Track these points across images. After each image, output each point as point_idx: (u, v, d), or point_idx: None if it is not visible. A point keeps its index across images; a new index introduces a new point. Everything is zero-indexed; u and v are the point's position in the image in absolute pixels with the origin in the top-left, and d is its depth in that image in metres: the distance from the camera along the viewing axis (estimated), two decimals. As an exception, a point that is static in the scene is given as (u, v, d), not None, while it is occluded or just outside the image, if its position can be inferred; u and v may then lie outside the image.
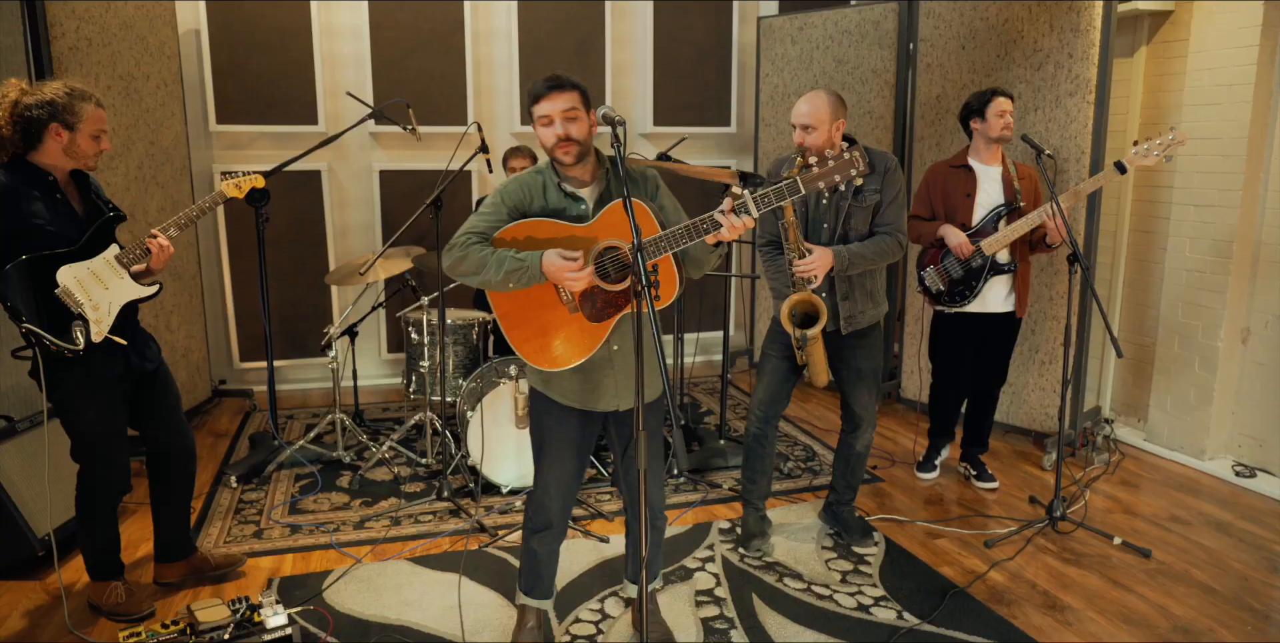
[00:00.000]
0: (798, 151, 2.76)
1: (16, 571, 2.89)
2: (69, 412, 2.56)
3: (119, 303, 2.52)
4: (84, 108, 2.39)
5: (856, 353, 2.99)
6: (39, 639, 2.56)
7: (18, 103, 2.35)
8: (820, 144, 2.72)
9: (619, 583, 2.84)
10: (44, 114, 2.34)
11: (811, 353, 2.88)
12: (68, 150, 2.40)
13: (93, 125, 2.41)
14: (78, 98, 2.39)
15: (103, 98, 2.49)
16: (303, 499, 3.57)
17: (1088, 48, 3.66)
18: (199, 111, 4.73)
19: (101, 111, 2.46)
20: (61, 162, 2.44)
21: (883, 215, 2.85)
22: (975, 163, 3.41)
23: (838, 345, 2.98)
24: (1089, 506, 3.52)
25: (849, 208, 2.84)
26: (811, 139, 2.73)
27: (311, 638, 2.54)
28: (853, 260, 2.79)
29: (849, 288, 2.91)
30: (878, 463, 4.01)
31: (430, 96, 5.00)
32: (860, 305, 2.93)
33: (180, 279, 4.43)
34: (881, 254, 2.84)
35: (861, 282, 2.93)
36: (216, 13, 4.62)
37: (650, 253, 2.05)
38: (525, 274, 2.11)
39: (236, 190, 2.84)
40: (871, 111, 4.64)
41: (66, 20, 3.52)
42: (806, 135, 2.73)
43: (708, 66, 5.50)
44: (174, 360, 4.36)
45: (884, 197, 2.84)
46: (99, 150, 2.47)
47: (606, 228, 2.15)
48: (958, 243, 3.35)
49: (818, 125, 2.72)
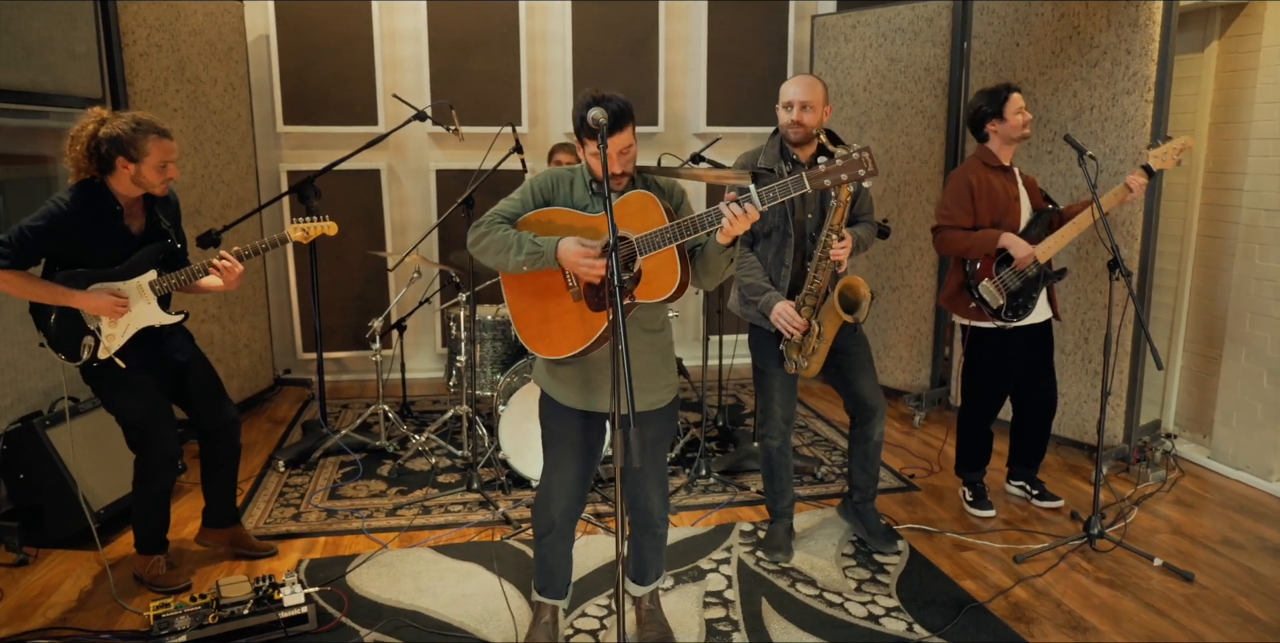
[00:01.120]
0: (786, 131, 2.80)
1: (73, 541, 3.11)
2: (113, 406, 2.76)
3: (136, 326, 2.68)
4: (147, 142, 2.52)
5: (852, 341, 2.98)
6: (86, 605, 2.75)
7: (94, 136, 2.51)
8: (815, 123, 2.77)
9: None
10: (113, 148, 2.50)
11: (825, 341, 2.85)
12: (134, 180, 2.57)
13: (156, 157, 2.54)
14: (143, 132, 2.51)
15: (170, 100, 2.63)
16: (343, 486, 3.72)
17: (1147, 43, 3.48)
18: (267, 113, 4.96)
19: (168, 142, 2.56)
20: (129, 189, 2.60)
21: (860, 205, 2.95)
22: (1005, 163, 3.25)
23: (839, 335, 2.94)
24: (1135, 524, 3.37)
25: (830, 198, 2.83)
26: (809, 118, 2.76)
27: (326, 618, 2.65)
28: (860, 243, 2.88)
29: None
30: (915, 472, 3.92)
31: (485, 97, 5.12)
32: None
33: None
34: (870, 239, 2.98)
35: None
36: (285, 18, 4.84)
37: (652, 245, 2.07)
38: (540, 258, 2.14)
39: (303, 236, 2.95)
40: (924, 111, 4.52)
41: (138, 28, 3.75)
42: (805, 114, 2.76)
43: (762, 65, 5.46)
44: (236, 349, 4.60)
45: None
46: (165, 179, 2.60)
47: (618, 219, 2.14)
48: (1028, 253, 3.10)
49: (815, 105, 2.76)
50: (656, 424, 2.37)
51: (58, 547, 3.12)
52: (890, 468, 3.95)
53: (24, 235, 2.47)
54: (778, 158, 2.87)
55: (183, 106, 4.06)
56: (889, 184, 4.73)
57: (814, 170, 1.97)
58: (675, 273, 2.10)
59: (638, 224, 2.10)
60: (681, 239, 2.05)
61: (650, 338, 2.31)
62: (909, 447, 4.26)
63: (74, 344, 2.63)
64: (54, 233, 2.51)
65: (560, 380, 2.31)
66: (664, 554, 2.58)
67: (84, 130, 2.52)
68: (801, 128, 2.76)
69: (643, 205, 2.11)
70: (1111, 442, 3.89)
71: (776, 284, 2.87)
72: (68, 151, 2.52)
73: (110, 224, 2.60)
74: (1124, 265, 2.90)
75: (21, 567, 2.99)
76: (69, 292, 2.56)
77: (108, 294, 2.59)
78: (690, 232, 2.04)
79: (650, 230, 2.07)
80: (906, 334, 4.79)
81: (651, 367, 2.31)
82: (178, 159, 2.63)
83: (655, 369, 2.33)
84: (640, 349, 2.27)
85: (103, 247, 2.60)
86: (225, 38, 4.43)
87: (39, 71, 3.24)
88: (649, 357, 2.31)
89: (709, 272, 2.20)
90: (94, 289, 2.59)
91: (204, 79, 4.24)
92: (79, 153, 2.50)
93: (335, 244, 4.99)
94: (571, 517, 2.41)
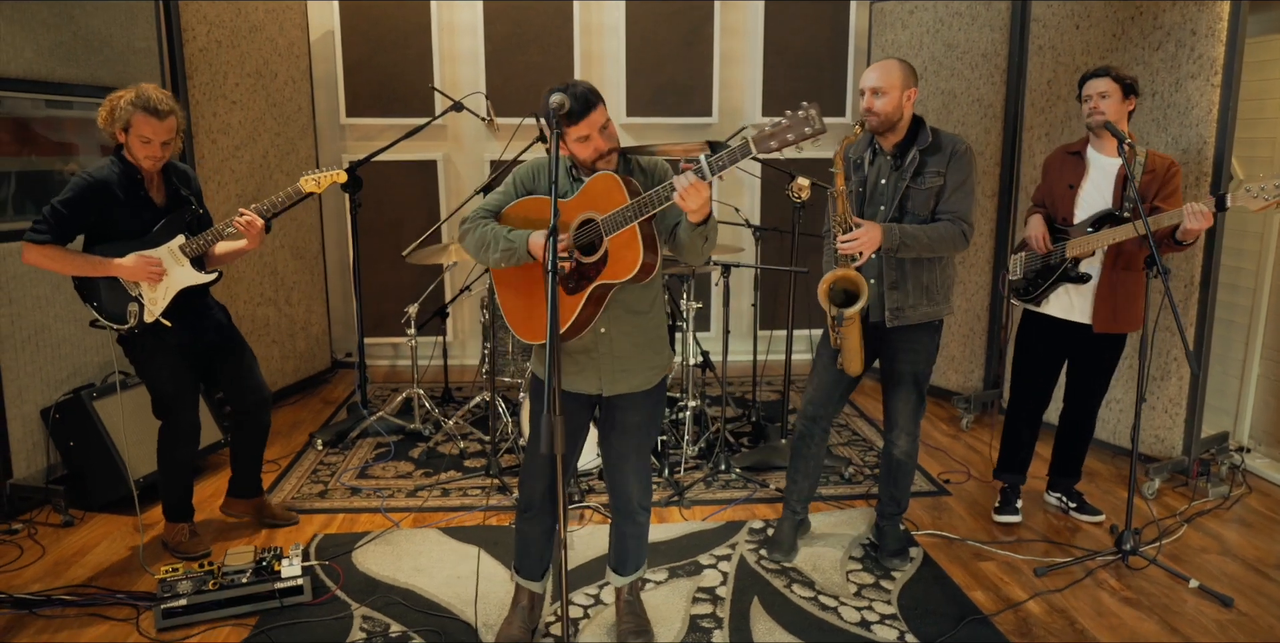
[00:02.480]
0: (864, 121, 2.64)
1: (116, 507, 3.33)
2: (145, 375, 2.94)
3: (175, 288, 2.82)
4: (134, 116, 2.63)
5: (899, 352, 2.79)
6: (115, 567, 2.94)
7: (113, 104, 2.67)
8: (889, 110, 2.60)
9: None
10: (113, 120, 2.66)
11: (846, 336, 2.70)
12: (127, 151, 2.72)
13: (138, 131, 2.66)
14: (129, 106, 2.63)
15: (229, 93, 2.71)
16: (373, 466, 3.84)
17: (1214, 22, 3.20)
18: (331, 106, 5.16)
19: (151, 119, 2.63)
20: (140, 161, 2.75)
21: (947, 201, 2.66)
22: (1092, 151, 3.03)
23: (881, 339, 2.79)
24: (1182, 542, 3.12)
25: (907, 189, 2.66)
26: (881, 104, 2.60)
27: (322, 590, 2.75)
28: (905, 241, 2.59)
29: (899, 276, 2.70)
30: (951, 477, 3.75)
31: (539, 89, 5.10)
32: (912, 299, 2.71)
33: (302, 258, 4.88)
34: (940, 240, 2.62)
35: (917, 272, 2.70)
36: (349, 14, 5.02)
37: (616, 224, 2.08)
38: (515, 254, 2.18)
39: (315, 186, 3.02)
40: (980, 99, 4.30)
41: (198, 25, 3.97)
42: (875, 100, 2.60)
43: (821, 54, 5.31)
44: (293, 332, 4.81)
45: (948, 181, 2.65)
46: (147, 154, 2.69)
47: (585, 202, 2.18)
48: (1033, 235, 3.09)
49: (888, 90, 2.59)
50: (639, 408, 2.35)
51: (102, 511, 3.34)
52: (925, 471, 3.79)
53: (57, 211, 2.65)
54: (866, 147, 2.76)
55: (241, 99, 4.26)
56: (943, 176, 4.53)
57: (759, 133, 1.94)
58: (638, 251, 2.10)
59: (604, 205, 2.12)
60: (641, 215, 2.05)
61: (637, 319, 2.29)
62: (952, 451, 4.08)
63: (121, 312, 2.80)
64: (83, 203, 2.66)
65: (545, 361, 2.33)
66: (645, 545, 2.54)
67: (110, 101, 2.67)
68: (875, 116, 2.61)
69: (608, 187, 2.12)
70: (1169, 453, 3.61)
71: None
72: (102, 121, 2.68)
73: (134, 193, 2.74)
74: (1161, 263, 2.68)
75: (67, 528, 3.22)
76: (105, 261, 2.72)
77: (142, 259, 2.74)
78: (649, 207, 2.04)
79: (614, 210, 2.08)
80: (960, 333, 4.58)
81: (637, 348, 2.30)
82: (168, 139, 2.71)
83: (640, 351, 2.31)
84: (626, 330, 2.27)
85: (130, 215, 2.74)
86: (286, 34, 4.63)
87: (98, 66, 3.47)
88: (635, 338, 2.29)
89: (685, 249, 2.18)
90: (129, 257, 2.75)
91: (264, 73, 4.44)
92: (104, 119, 2.67)
93: (394, 232, 5.17)
94: (552, 498, 2.41)
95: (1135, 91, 2.91)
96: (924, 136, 2.66)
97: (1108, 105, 2.87)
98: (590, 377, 2.30)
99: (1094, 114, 2.91)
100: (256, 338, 4.49)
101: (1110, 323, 3.03)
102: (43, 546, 3.08)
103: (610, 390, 2.31)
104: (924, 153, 2.65)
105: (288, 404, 4.75)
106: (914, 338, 2.77)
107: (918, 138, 2.67)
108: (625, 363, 2.28)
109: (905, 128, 2.67)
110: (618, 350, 2.27)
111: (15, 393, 3.25)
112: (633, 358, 2.29)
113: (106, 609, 2.67)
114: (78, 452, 3.34)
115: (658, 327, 2.36)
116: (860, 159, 2.76)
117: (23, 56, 3.19)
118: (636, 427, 2.37)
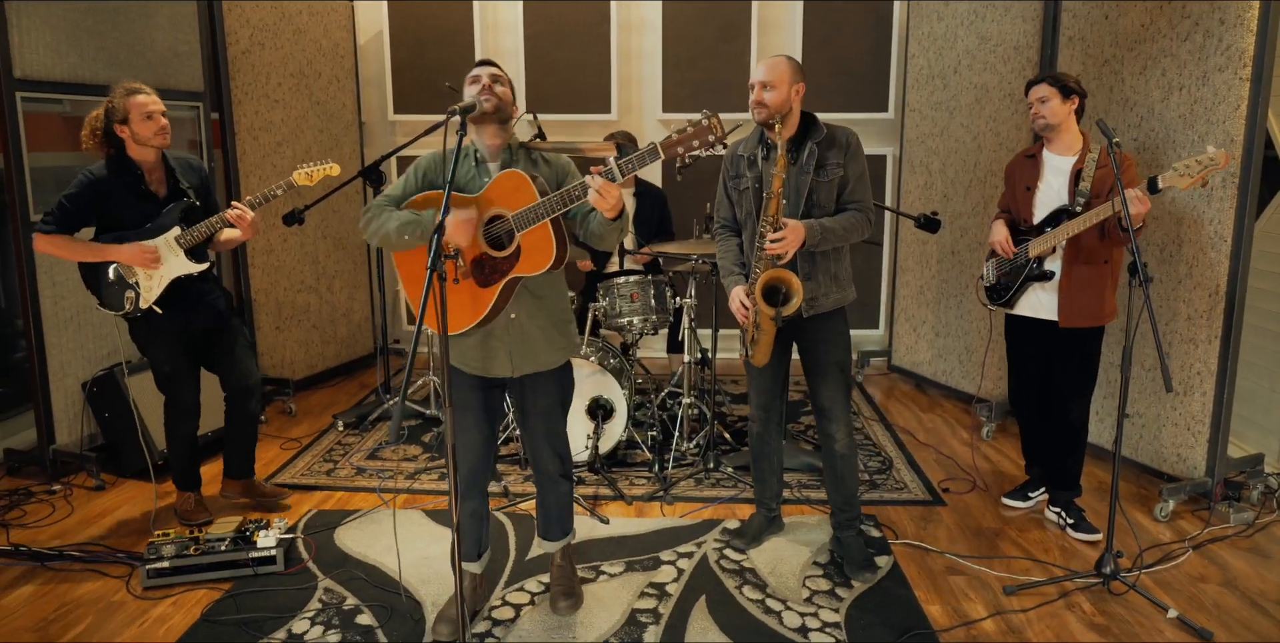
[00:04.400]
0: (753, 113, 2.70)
1: (144, 474, 3.62)
2: (146, 354, 3.20)
3: (169, 277, 3.04)
4: (124, 102, 2.88)
5: (818, 342, 2.83)
6: (127, 529, 3.21)
7: (93, 120, 2.92)
8: (778, 103, 2.64)
9: (591, 561, 2.94)
10: (107, 122, 2.90)
11: (766, 331, 2.75)
12: (136, 140, 2.94)
13: (138, 110, 2.89)
14: (117, 96, 2.88)
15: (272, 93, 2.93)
16: (384, 448, 4.03)
17: (1243, 11, 2.96)
18: (379, 103, 5.40)
19: (142, 97, 2.88)
20: (142, 154, 2.98)
21: (851, 192, 2.74)
22: (1047, 152, 3.03)
23: (798, 331, 2.83)
24: (1180, 569, 2.93)
25: (811, 183, 2.70)
26: (770, 97, 2.63)
27: (295, 561, 2.93)
28: (824, 235, 2.66)
29: (811, 267, 2.75)
30: (952, 486, 3.62)
31: (576, 86, 5.27)
32: (824, 287, 2.77)
33: (344, 248, 5.13)
34: (850, 229, 2.71)
35: (825, 262, 2.77)
36: (396, 15, 5.24)
37: (528, 220, 2.18)
38: (418, 227, 2.26)
39: (306, 179, 3.21)
40: (1012, 94, 4.10)
41: (240, 28, 4.23)
42: (765, 93, 2.64)
43: (862, 48, 5.18)
44: (334, 319, 5.08)
45: (849, 172, 2.71)
46: (157, 128, 2.93)
47: (493, 197, 2.27)
48: (996, 240, 3.13)
49: (777, 84, 2.63)
50: (545, 384, 2.50)
51: (132, 478, 3.65)
52: (923, 478, 3.68)
53: (62, 204, 2.91)
54: (757, 143, 2.79)
55: (284, 98, 4.52)
56: (975, 174, 4.35)
57: (666, 139, 2.06)
58: (551, 247, 2.20)
59: (512, 202, 2.21)
60: (554, 213, 2.15)
61: (539, 303, 2.42)
62: (962, 458, 3.94)
63: (119, 298, 3.05)
64: (86, 197, 2.91)
65: (462, 348, 2.44)
66: (570, 512, 2.70)
67: (88, 123, 2.91)
68: (764, 108, 2.65)
69: (516, 184, 2.21)
70: (1190, 473, 3.38)
71: (751, 268, 2.79)
72: (85, 142, 2.92)
73: (134, 187, 2.97)
74: (1144, 271, 2.52)
75: (98, 491, 3.53)
76: (105, 247, 2.98)
77: (139, 248, 2.97)
78: (561, 205, 2.14)
79: (525, 207, 2.16)
80: (983, 338, 4.40)
81: (543, 330, 2.43)
82: (164, 110, 2.94)
83: (546, 332, 2.44)
84: (532, 313, 2.40)
85: (132, 208, 2.98)
86: (331, 35, 4.87)
87: (141, 69, 3.76)
88: (540, 321, 2.42)
89: (600, 239, 2.31)
90: (127, 245, 2.99)
91: (307, 73, 4.69)
92: (91, 143, 2.90)
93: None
94: (477, 478, 2.55)
95: (1075, 91, 2.95)
96: (817, 131, 2.70)
97: (1049, 109, 2.94)
98: (503, 361, 2.41)
99: (1036, 119, 2.99)
100: (296, 322, 4.77)
101: (1074, 317, 3.00)
102: (73, 506, 3.39)
103: (519, 371, 2.43)
104: (820, 147, 2.69)
105: (326, 386, 5.02)
106: (829, 326, 2.83)
107: (810, 132, 2.71)
108: (530, 345, 2.41)
109: (796, 123, 2.72)
110: (527, 334, 2.40)
111: (58, 367, 3.58)
112: (537, 340, 2.42)
113: (107, 567, 2.92)
114: (112, 423, 3.65)
115: (564, 310, 2.50)
116: (752, 155, 2.78)
117: (67, 61, 3.50)
118: (548, 408, 2.52)
